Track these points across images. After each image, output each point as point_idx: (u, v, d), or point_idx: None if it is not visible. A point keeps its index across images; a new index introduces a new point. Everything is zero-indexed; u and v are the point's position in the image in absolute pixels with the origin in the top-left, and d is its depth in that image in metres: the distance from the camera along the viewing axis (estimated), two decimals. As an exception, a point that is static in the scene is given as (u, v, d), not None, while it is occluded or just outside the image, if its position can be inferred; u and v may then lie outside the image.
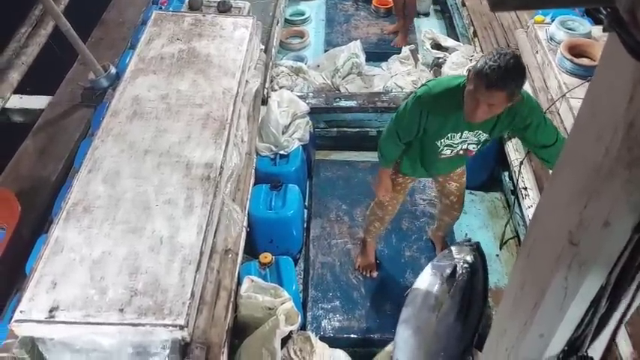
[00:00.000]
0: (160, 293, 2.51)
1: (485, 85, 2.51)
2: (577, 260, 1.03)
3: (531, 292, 1.23)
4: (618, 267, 1.03)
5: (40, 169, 4.08)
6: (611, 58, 0.83)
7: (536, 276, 1.20)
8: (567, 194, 1.02)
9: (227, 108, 3.43)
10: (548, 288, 1.13)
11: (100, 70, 4.59)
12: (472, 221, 4.52)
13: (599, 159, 0.89)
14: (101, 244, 2.68)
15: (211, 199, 2.92)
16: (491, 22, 5.51)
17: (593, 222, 0.96)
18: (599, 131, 0.88)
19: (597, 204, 0.94)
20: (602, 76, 0.89)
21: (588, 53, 3.93)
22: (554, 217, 1.10)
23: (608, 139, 0.85)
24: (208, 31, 4.03)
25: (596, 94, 0.93)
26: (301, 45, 6.20)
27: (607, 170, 0.88)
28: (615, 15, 0.73)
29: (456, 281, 3.20)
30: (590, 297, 1.12)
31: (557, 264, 1.07)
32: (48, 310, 2.43)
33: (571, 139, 1.05)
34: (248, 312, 3.11)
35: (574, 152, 1.02)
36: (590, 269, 1.04)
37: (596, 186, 0.92)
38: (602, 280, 1.07)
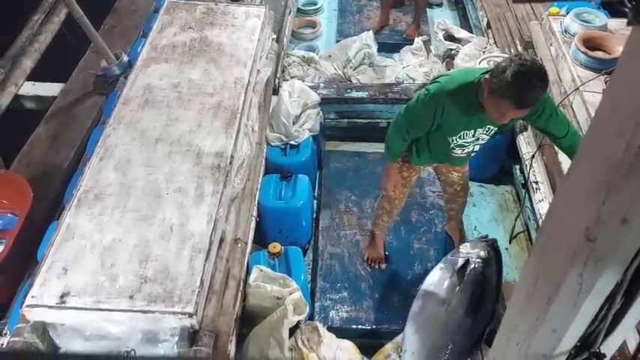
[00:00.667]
0: (170, 281, 2.52)
1: (516, 106, 2.50)
2: (593, 256, 1.02)
3: (545, 288, 1.23)
4: (635, 264, 1.02)
5: (52, 156, 4.09)
6: (634, 52, 0.81)
7: (551, 271, 1.19)
8: (585, 190, 1.01)
9: (238, 97, 3.43)
10: (562, 283, 1.12)
11: (113, 57, 4.59)
12: (482, 214, 4.51)
13: (619, 154, 0.88)
14: (112, 232, 2.70)
15: (221, 188, 2.92)
16: (504, 13, 5.45)
17: (612, 218, 0.95)
18: (619, 126, 0.87)
19: (616, 200, 0.93)
20: (625, 70, 0.88)
21: (603, 46, 3.89)
22: (571, 213, 1.09)
23: (629, 135, 0.84)
24: (220, 19, 4.03)
25: (618, 87, 0.91)
26: (313, 35, 6.18)
27: (627, 166, 0.87)
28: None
29: (466, 276, 3.19)
30: (605, 293, 1.11)
31: (573, 260, 1.06)
32: (59, 295, 2.45)
33: (590, 133, 1.03)
34: (256, 301, 3.12)
35: (593, 147, 1.01)
36: (606, 266, 1.03)
37: (615, 182, 0.91)
38: (618, 276, 1.06)
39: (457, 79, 2.78)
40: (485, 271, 3.25)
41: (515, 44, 5.03)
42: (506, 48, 5.00)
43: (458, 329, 3.10)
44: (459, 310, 3.13)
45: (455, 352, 3.10)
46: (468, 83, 2.72)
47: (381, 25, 6.16)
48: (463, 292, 3.17)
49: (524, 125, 4.46)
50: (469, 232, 4.28)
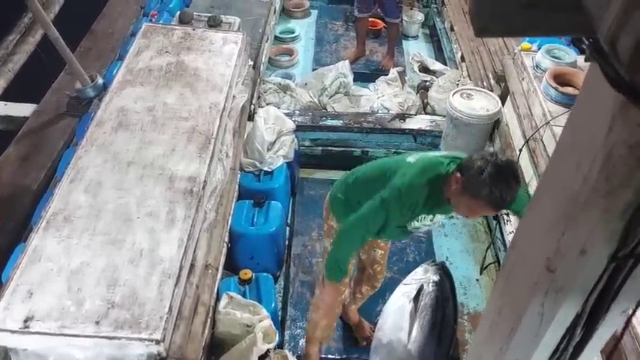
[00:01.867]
0: (138, 306, 2.48)
1: (494, 209, 2.51)
2: (553, 287, 1.04)
3: (508, 317, 1.24)
4: (594, 295, 1.04)
5: (21, 177, 4.04)
6: (592, 88, 0.84)
7: (514, 301, 1.21)
8: (545, 221, 1.03)
9: (213, 122, 3.43)
10: (524, 313, 1.13)
11: (87, 79, 4.58)
12: (453, 245, 4.54)
13: (577, 187, 0.90)
14: (80, 255, 2.65)
15: (193, 213, 2.90)
16: (478, 47, 5.57)
17: (570, 249, 0.97)
18: (578, 160, 0.89)
19: (574, 232, 0.95)
20: (583, 105, 0.90)
21: (573, 82, 3.98)
22: (533, 243, 1.11)
23: (587, 168, 0.86)
24: (197, 45, 4.04)
25: (576, 122, 0.94)
26: (290, 63, 6.24)
27: (585, 199, 0.89)
28: (596, 45, 0.75)
29: (422, 300, 3.20)
30: (566, 324, 1.12)
31: (534, 290, 1.08)
32: (23, 319, 2.39)
33: (551, 166, 1.06)
34: (225, 328, 3.09)
35: (553, 179, 1.03)
36: (566, 296, 1.04)
37: (573, 214, 0.93)
38: (578, 307, 1.08)
39: (425, 172, 2.62)
40: (441, 294, 3.24)
41: (488, 77, 5.13)
42: (479, 81, 5.10)
43: (423, 354, 3.09)
44: (421, 336, 3.11)
45: None
46: (436, 176, 2.60)
47: (357, 56, 6.24)
48: (422, 318, 3.16)
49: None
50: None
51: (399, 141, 4.99)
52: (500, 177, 2.34)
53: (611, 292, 1.03)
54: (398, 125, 4.90)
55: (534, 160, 3.79)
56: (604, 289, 1.03)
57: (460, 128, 4.36)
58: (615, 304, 1.05)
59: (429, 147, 4.97)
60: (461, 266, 4.37)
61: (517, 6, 0.75)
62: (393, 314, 3.22)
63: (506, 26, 0.79)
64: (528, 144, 3.88)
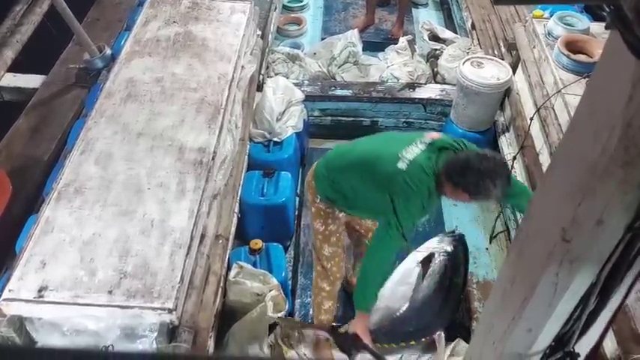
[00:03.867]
0: (150, 276, 2.51)
1: (486, 200, 2.70)
2: (568, 257, 1.04)
3: (521, 288, 1.24)
4: (609, 265, 1.03)
5: (32, 148, 4.05)
6: (612, 57, 0.82)
7: (527, 271, 1.21)
8: (562, 192, 1.02)
9: (222, 93, 3.42)
10: (538, 283, 1.13)
11: (95, 50, 4.55)
12: (462, 214, 4.53)
13: (595, 157, 0.89)
14: (92, 226, 2.67)
15: (203, 183, 2.91)
16: (489, 15, 5.49)
17: (587, 220, 0.96)
18: (596, 130, 0.88)
19: (591, 202, 0.94)
20: (602, 74, 0.89)
21: (586, 50, 3.93)
22: (548, 214, 1.10)
23: (605, 138, 0.85)
24: (205, 14, 4.01)
25: (594, 92, 0.93)
26: (298, 32, 6.17)
27: (603, 169, 0.88)
28: (619, 13, 0.73)
29: (431, 267, 3.24)
30: (580, 294, 1.12)
31: (549, 260, 1.08)
32: (37, 289, 2.43)
33: (567, 136, 1.05)
34: (236, 297, 3.12)
35: (570, 150, 1.02)
36: (581, 266, 1.04)
37: (591, 184, 0.92)
38: (593, 277, 1.08)
39: (422, 181, 2.63)
40: (451, 265, 3.28)
41: (498, 46, 5.06)
42: (490, 49, 5.04)
43: (424, 313, 3.15)
44: (424, 295, 3.18)
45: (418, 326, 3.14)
46: (431, 181, 2.63)
47: (366, 24, 6.17)
48: (429, 281, 3.21)
49: (506, 126, 4.50)
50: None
51: (409, 110, 4.96)
52: (493, 176, 2.46)
53: (626, 262, 1.03)
54: (408, 94, 4.86)
55: (545, 129, 3.76)
56: (619, 259, 1.03)
57: (470, 97, 4.32)
58: (630, 274, 1.05)
59: (439, 116, 4.93)
60: (470, 235, 4.34)
61: (537, -27, 0.74)
62: (401, 274, 3.23)
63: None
64: (539, 113, 3.84)
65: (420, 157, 2.67)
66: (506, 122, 4.54)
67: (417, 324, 3.16)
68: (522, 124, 4.15)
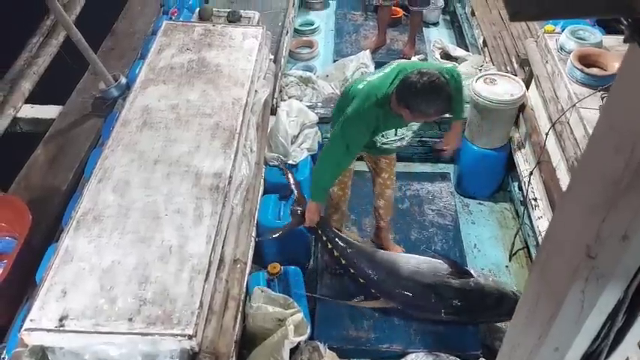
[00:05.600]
0: (169, 303, 2.51)
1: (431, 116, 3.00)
2: (594, 273, 1.02)
3: (546, 306, 1.22)
4: (636, 281, 1.01)
5: (50, 178, 4.09)
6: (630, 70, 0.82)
7: (552, 289, 1.19)
8: (584, 207, 1.01)
9: (236, 118, 3.44)
10: (564, 301, 1.11)
11: (111, 79, 4.61)
12: (481, 232, 4.50)
13: (618, 172, 0.88)
14: (111, 254, 2.68)
15: (220, 208, 2.92)
16: (500, 31, 5.50)
17: (612, 235, 0.95)
18: (618, 144, 0.87)
19: (616, 217, 0.93)
20: (622, 88, 0.88)
21: (599, 63, 3.91)
22: (571, 231, 1.09)
23: (628, 152, 0.84)
24: (218, 41, 4.05)
25: (615, 105, 0.92)
26: (310, 55, 6.22)
27: (626, 183, 0.87)
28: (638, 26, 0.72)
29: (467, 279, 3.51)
30: (608, 310, 1.10)
31: (574, 277, 1.06)
32: (58, 318, 2.43)
33: (588, 151, 1.04)
34: (257, 323, 3.10)
35: (591, 165, 1.01)
36: (607, 282, 1.02)
37: (614, 199, 0.91)
38: (620, 293, 1.06)
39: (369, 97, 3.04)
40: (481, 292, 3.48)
41: (511, 62, 5.06)
42: (503, 66, 5.04)
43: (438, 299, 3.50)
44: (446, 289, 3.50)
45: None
46: (381, 98, 3.02)
47: (377, 45, 6.20)
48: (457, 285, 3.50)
49: (522, 142, 4.47)
50: (468, 250, 4.28)
51: (423, 129, 4.94)
52: (436, 93, 2.81)
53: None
54: (421, 114, 4.85)
55: (561, 144, 3.74)
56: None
57: (484, 114, 4.31)
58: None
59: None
60: (490, 253, 4.34)
61: (553, -12, 0.74)
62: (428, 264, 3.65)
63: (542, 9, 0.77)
64: (555, 127, 3.82)
65: (379, 78, 3.13)
66: (521, 138, 4.52)
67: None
68: (538, 139, 4.13)
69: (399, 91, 2.92)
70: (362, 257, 3.67)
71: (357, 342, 3.53)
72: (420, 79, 2.81)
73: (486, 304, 3.46)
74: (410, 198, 4.56)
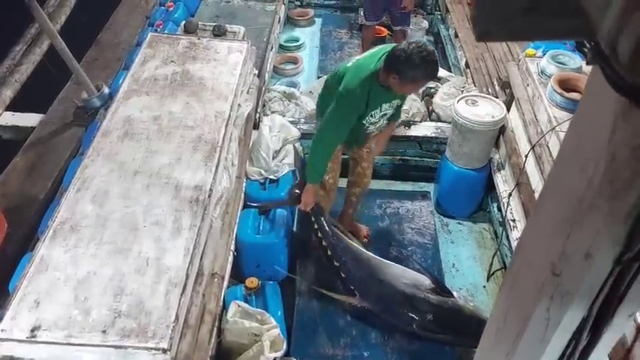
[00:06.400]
0: (144, 315, 2.49)
1: (423, 81, 3.30)
2: (559, 291, 1.04)
3: (514, 323, 1.23)
4: (600, 299, 1.03)
5: (28, 186, 4.06)
6: (594, 91, 0.84)
7: (519, 306, 1.20)
8: (550, 225, 1.03)
9: (219, 131, 3.44)
10: (530, 318, 1.13)
11: (93, 89, 4.60)
12: (460, 251, 4.53)
13: (581, 191, 0.90)
14: (87, 264, 2.66)
15: (199, 221, 2.91)
16: (483, 53, 5.58)
17: (575, 253, 0.96)
18: (582, 163, 0.89)
19: (579, 235, 0.94)
20: (586, 108, 0.90)
21: (579, 87, 3.97)
22: (538, 247, 1.10)
23: (591, 171, 0.86)
24: (203, 54, 4.06)
25: (579, 126, 0.94)
26: (294, 71, 6.25)
27: (589, 202, 0.89)
28: (598, 48, 0.75)
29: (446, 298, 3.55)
30: (572, 328, 1.12)
31: (540, 294, 1.07)
32: (30, 329, 2.40)
33: (555, 169, 1.06)
34: (233, 338, 3.09)
35: (558, 183, 1.03)
36: (572, 300, 1.04)
37: (578, 217, 0.93)
38: (584, 311, 1.07)
39: (357, 76, 3.24)
40: (459, 309, 3.52)
41: (492, 84, 5.13)
42: (484, 87, 5.10)
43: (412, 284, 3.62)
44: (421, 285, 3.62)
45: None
46: (369, 75, 3.22)
47: None
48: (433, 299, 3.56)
49: (502, 164, 4.52)
50: (447, 269, 4.30)
51: (404, 148, 5.00)
52: (425, 58, 3.05)
53: (616, 296, 1.03)
54: (403, 132, 4.90)
55: (540, 167, 3.78)
56: (610, 293, 1.02)
57: (465, 135, 4.35)
58: (621, 307, 1.04)
59: (434, 153, 4.97)
60: (467, 273, 4.36)
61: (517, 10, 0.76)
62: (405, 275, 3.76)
63: (508, 30, 0.79)
64: (534, 150, 3.87)
65: (365, 57, 3.37)
66: (501, 159, 4.57)
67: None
68: (517, 161, 4.18)
69: (389, 61, 3.13)
70: (348, 253, 3.79)
71: (334, 359, 3.52)
72: (409, 47, 3.06)
73: (460, 326, 3.47)
74: (390, 216, 4.58)
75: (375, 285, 3.66)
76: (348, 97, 3.25)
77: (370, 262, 3.78)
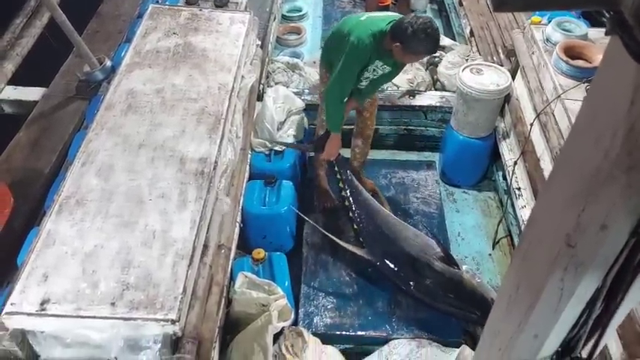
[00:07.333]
0: (152, 287, 2.50)
1: (423, 55, 3.59)
2: (573, 262, 1.03)
3: (526, 294, 1.23)
4: (614, 269, 1.03)
5: (33, 161, 4.05)
6: (612, 62, 0.82)
7: (532, 278, 1.20)
8: (565, 197, 1.02)
9: (222, 103, 3.42)
10: (543, 289, 1.13)
11: (96, 62, 4.56)
12: (465, 220, 4.53)
13: (597, 162, 0.89)
14: (93, 238, 2.67)
15: (205, 194, 2.91)
16: (487, 22, 5.51)
17: (591, 225, 0.96)
18: (598, 134, 0.87)
19: (595, 207, 0.94)
20: (603, 79, 0.89)
21: (584, 55, 3.93)
22: (551, 220, 1.10)
23: (608, 143, 0.85)
24: (205, 25, 4.02)
25: (596, 97, 0.92)
26: (298, 41, 6.18)
27: (606, 174, 0.88)
28: (619, 18, 0.73)
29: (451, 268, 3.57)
30: (586, 299, 1.12)
31: (554, 266, 1.07)
32: (39, 302, 2.42)
33: (569, 141, 1.04)
34: (241, 308, 3.11)
35: (572, 155, 1.02)
36: (586, 271, 1.04)
37: (594, 189, 0.92)
38: (598, 282, 1.07)
39: (370, 27, 3.44)
40: (462, 284, 3.52)
41: (497, 52, 5.07)
42: (489, 56, 5.05)
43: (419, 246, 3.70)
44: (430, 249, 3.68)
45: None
46: (379, 31, 3.42)
47: None
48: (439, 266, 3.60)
49: (507, 132, 4.50)
50: (452, 238, 4.31)
51: (409, 118, 4.96)
52: (429, 34, 3.27)
53: (631, 267, 1.02)
54: (407, 102, 4.87)
55: (545, 135, 3.76)
56: (624, 264, 1.02)
57: (470, 104, 4.32)
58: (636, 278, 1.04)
59: (439, 123, 4.94)
60: (473, 241, 4.38)
61: (536, -22, 0.74)
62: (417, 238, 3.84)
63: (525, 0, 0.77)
64: (539, 118, 3.85)
65: (379, 16, 3.58)
66: (506, 128, 4.54)
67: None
68: (523, 129, 4.15)
69: (395, 30, 3.35)
70: (366, 206, 3.91)
71: (340, 328, 3.55)
72: (417, 21, 3.27)
73: (457, 297, 3.49)
74: (395, 186, 4.57)
75: (384, 241, 3.74)
76: (358, 47, 3.41)
77: (385, 219, 3.86)
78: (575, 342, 1.28)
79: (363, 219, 3.84)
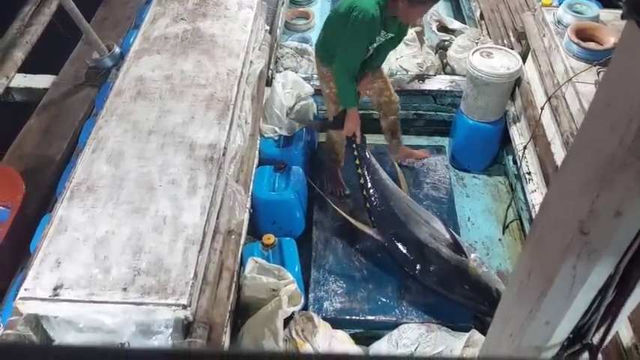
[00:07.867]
0: (163, 273, 2.52)
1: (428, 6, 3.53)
2: (587, 249, 1.03)
3: (538, 280, 1.23)
4: (628, 256, 1.02)
5: (44, 148, 4.07)
6: (628, 47, 0.81)
7: (544, 264, 1.20)
8: (578, 183, 1.01)
9: (231, 89, 3.42)
10: (556, 276, 1.12)
11: (104, 49, 4.57)
12: (475, 205, 4.52)
13: (612, 149, 0.88)
14: (105, 224, 2.69)
15: (215, 179, 2.91)
16: (498, 4, 5.45)
17: (605, 212, 0.95)
18: (613, 120, 0.87)
19: (609, 194, 0.93)
20: (619, 65, 0.88)
21: (596, 37, 3.89)
22: (565, 206, 1.09)
23: (623, 129, 0.84)
24: (213, 10, 4.00)
25: (611, 82, 0.91)
26: (306, 26, 6.15)
27: (620, 160, 0.87)
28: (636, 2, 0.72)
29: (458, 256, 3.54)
30: (598, 286, 1.11)
31: (566, 252, 1.07)
32: (52, 288, 2.44)
33: (584, 127, 1.04)
34: (251, 293, 3.13)
35: (586, 141, 1.01)
36: (599, 258, 1.03)
37: (608, 176, 0.91)
38: (611, 269, 1.07)
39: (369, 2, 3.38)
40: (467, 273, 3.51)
41: (508, 35, 5.02)
42: (499, 39, 5.00)
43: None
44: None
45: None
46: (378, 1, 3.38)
47: None
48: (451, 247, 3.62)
49: (517, 116, 4.47)
50: (462, 223, 4.30)
51: (419, 102, 4.94)
52: None
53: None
54: (417, 86, 4.84)
55: (556, 118, 3.74)
56: (638, 251, 1.02)
57: (480, 88, 4.29)
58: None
59: (449, 107, 4.92)
60: (483, 226, 4.37)
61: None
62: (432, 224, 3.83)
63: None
64: (550, 102, 3.82)
65: None
66: (517, 112, 4.51)
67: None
68: (533, 113, 4.13)
69: None
70: (380, 186, 3.92)
71: (350, 313, 3.56)
72: None
73: (460, 285, 3.49)
74: (405, 170, 4.56)
75: (395, 223, 3.74)
76: (365, 19, 3.36)
77: (399, 200, 3.87)
78: (586, 329, 1.28)
79: (377, 198, 3.85)
